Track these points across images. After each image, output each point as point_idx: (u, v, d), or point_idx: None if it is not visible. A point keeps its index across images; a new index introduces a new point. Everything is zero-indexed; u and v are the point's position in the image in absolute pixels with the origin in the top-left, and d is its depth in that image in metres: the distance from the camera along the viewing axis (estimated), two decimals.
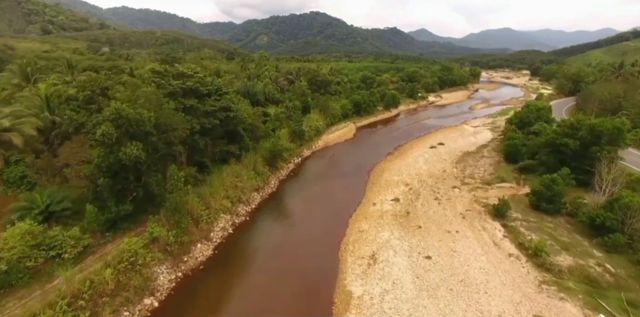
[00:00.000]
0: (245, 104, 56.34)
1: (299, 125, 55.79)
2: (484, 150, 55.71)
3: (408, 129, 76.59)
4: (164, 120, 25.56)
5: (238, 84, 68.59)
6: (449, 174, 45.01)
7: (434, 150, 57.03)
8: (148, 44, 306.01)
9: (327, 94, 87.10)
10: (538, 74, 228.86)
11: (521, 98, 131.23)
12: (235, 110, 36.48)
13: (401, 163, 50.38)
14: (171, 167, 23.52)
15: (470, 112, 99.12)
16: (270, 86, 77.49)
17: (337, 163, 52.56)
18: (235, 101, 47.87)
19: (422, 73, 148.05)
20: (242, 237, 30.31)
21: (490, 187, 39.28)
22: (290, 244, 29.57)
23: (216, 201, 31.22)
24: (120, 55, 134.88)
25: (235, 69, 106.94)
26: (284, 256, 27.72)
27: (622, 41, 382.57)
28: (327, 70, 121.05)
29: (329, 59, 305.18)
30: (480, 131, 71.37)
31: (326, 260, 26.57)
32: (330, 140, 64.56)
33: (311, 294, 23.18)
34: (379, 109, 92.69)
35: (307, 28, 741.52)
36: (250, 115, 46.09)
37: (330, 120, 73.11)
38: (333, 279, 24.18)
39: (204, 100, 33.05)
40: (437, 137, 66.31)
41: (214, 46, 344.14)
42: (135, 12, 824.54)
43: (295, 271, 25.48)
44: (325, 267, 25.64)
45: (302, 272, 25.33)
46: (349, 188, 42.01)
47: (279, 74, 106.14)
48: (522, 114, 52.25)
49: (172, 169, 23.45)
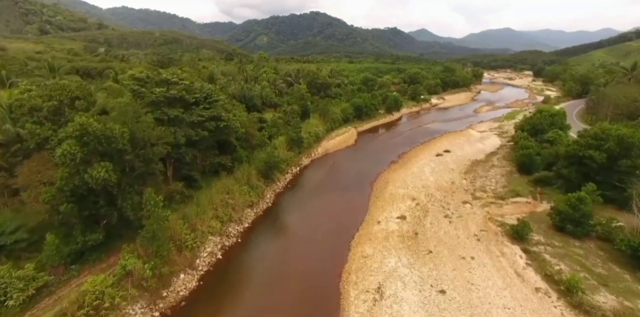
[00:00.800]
0: (240, 109, 53.35)
1: (297, 132, 52.61)
2: (494, 159, 52.49)
3: (411, 134, 73.37)
4: (141, 134, 22.39)
5: (233, 87, 65.44)
6: (458, 186, 41.78)
7: (440, 158, 53.80)
8: (146, 45, 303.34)
9: (327, 98, 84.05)
10: (541, 74, 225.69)
11: (526, 100, 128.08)
12: (227, 119, 33.29)
13: (406, 173, 47.16)
14: (147, 191, 20.35)
15: (475, 116, 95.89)
16: (267, 90, 74.36)
17: (338, 173, 49.35)
18: (229, 108, 44.92)
19: (424, 74, 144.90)
20: (231, 264, 27.08)
21: (504, 202, 36.07)
22: (286, 272, 26.29)
23: (203, 222, 28.00)
24: (116, 57, 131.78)
25: (233, 71, 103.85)
26: (278, 288, 24.48)
27: (624, 41, 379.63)
28: (327, 71, 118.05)
29: (329, 60, 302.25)
30: (488, 137, 68.14)
31: (326, 294, 23.34)
32: (331, 147, 61.34)
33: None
34: (380, 113, 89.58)
35: (307, 28, 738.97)
36: (244, 122, 42.92)
37: (330, 125, 69.94)
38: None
39: (190, 110, 29.87)
40: (442, 144, 63.09)
41: (213, 47, 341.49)
42: (135, 12, 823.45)
43: (290, 306, 22.28)
44: (325, 304, 22.43)
45: (298, 308, 22.13)
46: (350, 202, 38.81)
47: (278, 76, 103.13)
48: (534, 121, 49.07)
49: (147, 193, 20.29)
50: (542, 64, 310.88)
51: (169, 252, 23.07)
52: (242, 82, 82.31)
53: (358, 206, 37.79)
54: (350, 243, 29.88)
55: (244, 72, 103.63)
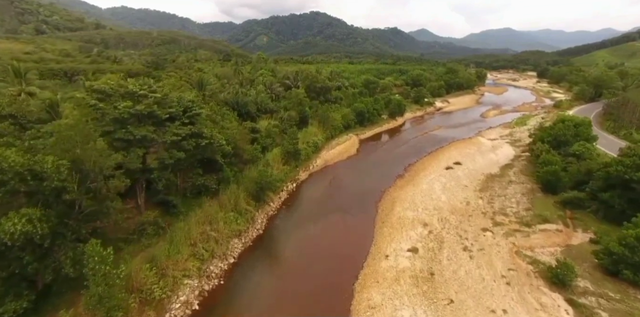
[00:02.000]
0: (231, 118, 48.63)
1: (294, 144, 47.81)
2: (510, 173, 47.68)
3: (417, 142, 68.57)
4: (91, 165, 17.67)
5: (225, 93, 60.69)
6: (474, 208, 36.97)
7: (451, 172, 48.99)
8: (144, 45, 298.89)
9: (327, 102, 79.26)
10: (545, 76, 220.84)
11: (534, 103, 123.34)
12: (209, 136, 28.46)
13: (414, 191, 42.34)
14: (89, 244, 15.49)
15: (483, 121, 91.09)
16: (263, 94, 69.52)
17: (338, 190, 44.54)
18: (217, 119, 40.22)
19: (427, 76, 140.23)
20: (211, 315, 22.32)
21: (531, 229, 31.27)
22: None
23: (177, 263, 23.21)
24: (108, 58, 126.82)
25: (229, 73, 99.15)
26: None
27: (627, 41, 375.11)
28: (327, 73, 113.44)
29: (329, 60, 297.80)
30: (499, 146, 63.34)
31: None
32: (331, 157, 56.55)
33: None
34: (383, 118, 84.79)
35: (307, 28, 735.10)
36: (234, 135, 38.14)
37: (330, 132, 65.18)
38: None
39: (164, 127, 25.10)
40: (451, 154, 58.30)
41: (211, 47, 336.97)
42: (135, 12, 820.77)
43: None
44: None
45: None
46: (353, 229, 34.04)
47: (275, 79, 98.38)
48: (556, 131, 44.28)
49: (90, 245, 15.41)
50: (545, 64, 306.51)
51: (127, 311, 18.27)
52: (237, 86, 77.70)
53: (362, 232, 33.02)
54: (354, 285, 25.10)
55: (240, 75, 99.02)
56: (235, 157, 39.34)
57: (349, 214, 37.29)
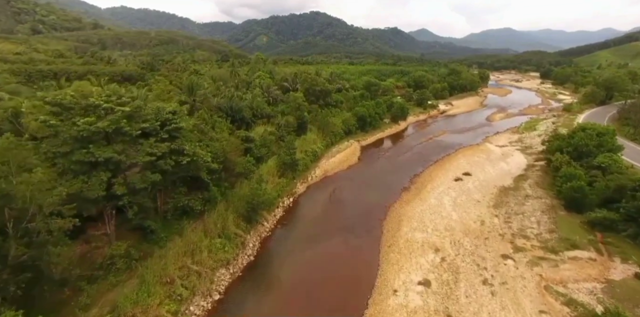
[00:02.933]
0: (223, 126, 45.00)
1: (291, 154, 44.13)
2: (525, 185, 43.98)
3: (422, 148, 64.89)
4: (27, 202, 14.02)
5: (218, 98, 57.04)
6: (490, 228, 33.28)
7: (461, 184, 45.29)
8: (142, 45, 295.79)
9: (327, 106, 75.66)
10: (549, 76, 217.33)
11: (540, 106, 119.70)
12: (191, 154, 24.75)
13: (422, 206, 38.67)
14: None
15: (489, 125, 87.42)
16: (259, 99, 65.88)
17: (339, 205, 40.84)
18: (206, 130, 36.52)
19: (430, 78, 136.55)
20: None
21: (559, 257, 27.56)
22: None
23: (148, 311, 19.51)
24: (102, 58, 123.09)
25: (225, 75, 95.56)
26: None
27: (630, 41, 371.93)
28: (327, 74, 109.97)
29: (329, 60, 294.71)
30: (510, 153, 59.64)
31: None
32: (330, 167, 52.87)
33: None
34: (385, 122, 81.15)
35: (307, 28, 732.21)
36: (223, 148, 34.47)
37: (330, 139, 61.55)
38: None
39: (136, 145, 21.44)
40: (459, 163, 54.63)
41: (210, 47, 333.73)
42: (134, 12, 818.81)
43: None
44: None
45: None
46: (356, 254, 30.34)
47: (273, 81, 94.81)
48: (577, 141, 40.57)
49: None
50: (547, 65, 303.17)
51: None
52: (233, 89, 74.15)
53: (366, 258, 29.36)
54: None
55: (237, 77, 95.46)
56: (226, 171, 35.69)
57: (351, 234, 33.60)
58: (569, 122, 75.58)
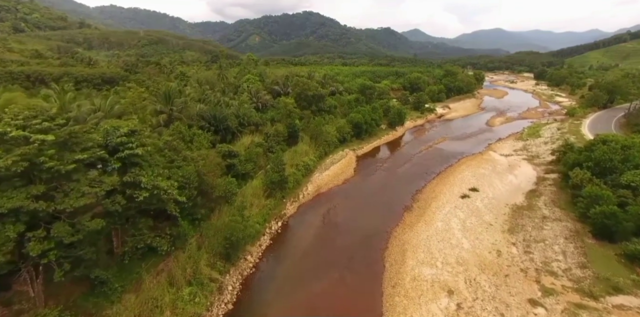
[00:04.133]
0: (204, 139, 40.05)
1: (279, 171, 39.25)
2: (539, 204, 39.75)
3: (422, 158, 60.50)
4: None
5: (200, 106, 51.94)
6: (509, 261, 28.86)
7: (468, 202, 40.91)
8: (130, 45, 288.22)
9: (320, 112, 70.98)
10: (544, 77, 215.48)
11: (539, 109, 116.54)
12: (150, 186, 19.72)
13: (428, 232, 34.16)
14: None
15: (490, 130, 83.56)
16: (246, 105, 60.86)
17: (334, 230, 36.07)
18: (179, 147, 31.46)
19: (425, 79, 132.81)
20: None
21: (601, 305, 23.06)
22: None
23: None
24: (82, 59, 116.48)
25: (212, 78, 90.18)
26: None
27: (618, 42, 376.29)
28: (320, 76, 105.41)
29: (322, 61, 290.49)
30: (517, 164, 55.57)
31: None
32: (324, 182, 48.12)
33: None
34: (382, 128, 76.81)
35: (300, 28, 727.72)
36: (198, 169, 29.50)
37: (323, 149, 56.83)
38: None
39: (69, 182, 16.40)
40: (464, 176, 50.33)
41: (200, 47, 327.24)
42: (124, 11, 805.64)
43: None
44: None
45: None
46: (355, 297, 25.61)
47: (263, 85, 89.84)
48: (599, 155, 36.45)
49: None
50: (540, 65, 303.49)
51: None
52: (219, 94, 69.02)
53: (366, 305, 24.66)
54: None
55: (224, 80, 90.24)
56: (203, 196, 30.70)
57: (348, 270, 28.88)
58: (575, 128, 72.06)
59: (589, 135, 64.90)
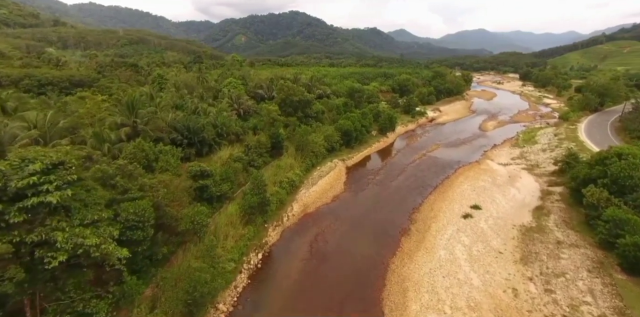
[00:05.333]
0: (170, 156, 34.72)
1: (260, 193, 34.18)
2: (549, 224, 35.96)
3: (416, 169, 56.40)
4: None
5: (173, 115, 46.43)
6: (528, 303, 24.66)
7: (471, 223, 36.82)
8: (108, 45, 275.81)
9: (307, 118, 66.12)
10: (530, 78, 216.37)
11: (530, 111, 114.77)
12: (69, 246, 14.49)
13: (430, 263, 29.78)
14: None
15: (484, 135, 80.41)
16: (226, 113, 55.54)
17: (322, 263, 31.19)
18: (137, 173, 26.05)
19: (415, 81, 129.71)
20: None
21: None
22: None
23: None
24: (49, 60, 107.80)
25: (192, 82, 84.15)
26: None
27: (595, 44, 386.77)
28: (306, 78, 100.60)
29: (309, 61, 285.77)
30: (517, 174, 52.06)
31: None
32: (311, 200, 43.29)
33: None
34: (372, 134, 72.58)
35: (287, 28, 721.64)
36: (157, 200, 24.27)
37: (310, 160, 52.01)
38: None
39: None
40: (463, 190, 46.36)
41: (184, 47, 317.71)
42: (104, 9, 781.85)
43: None
44: None
45: None
46: None
47: (245, 88, 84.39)
48: (616, 171, 32.85)
49: None
50: (524, 66, 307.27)
51: None
52: (197, 100, 63.40)
53: None
54: None
55: (204, 83, 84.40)
56: (164, 231, 25.49)
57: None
58: (572, 134, 69.40)
59: (588, 142, 62.30)
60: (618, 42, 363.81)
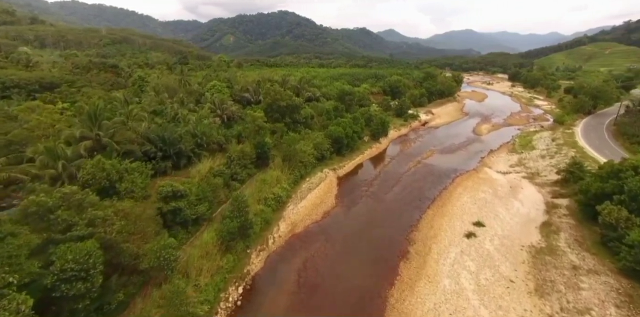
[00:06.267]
0: (139, 175, 30.45)
1: (241, 216, 30.10)
2: (560, 243, 32.87)
3: (411, 178, 53.04)
4: None
5: (145, 124, 42.03)
6: None
7: (476, 244, 33.50)
8: (90, 44, 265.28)
9: (295, 125, 62.24)
10: (519, 79, 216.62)
11: (522, 113, 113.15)
12: None
13: (434, 297, 26.23)
14: None
15: (479, 140, 77.76)
16: (207, 121, 51.17)
17: (312, 298, 27.21)
18: (88, 203, 21.71)
19: (406, 83, 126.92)
20: None
21: None
22: None
23: None
24: (19, 61, 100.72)
25: (174, 84, 79.32)
26: None
27: (579, 45, 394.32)
28: (295, 80, 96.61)
29: (299, 61, 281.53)
30: (518, 184, 49.18)
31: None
32: (299, 217, 39.38)
33: None
34: (364, 140, 69.04)
35: (276, 28, 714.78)
36: (113, 235, 20.06)
37: (299, 171, 48.08)
38: None
39: None
40: (462, 203, 43.11)
41: (170, 47, 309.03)
42: (88, 8, 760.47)
43: None
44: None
45: None
46: None
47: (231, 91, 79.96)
48: (634, 187, 29.97)
49: None
50: (512, 66, 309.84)
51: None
52: (176, 106, 58.94)
53: None
54: None
55: (186, 86, 79.68)
56: (121, 274, 21.26)
57: None
58: (569, 139, 67.18)
59: (588, 148, 60.03)
60: (600, 43, 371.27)
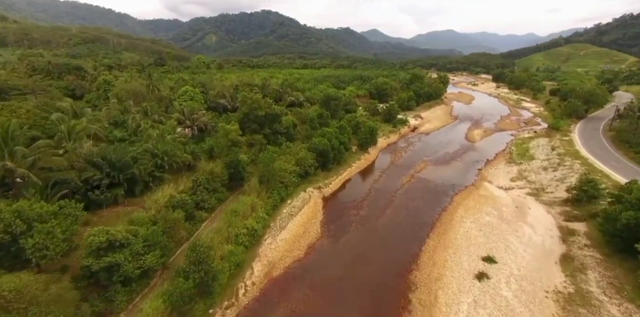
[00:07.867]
0: (63, 223, 23.44)
1: (201, 270, 23.43)
2: (592, 287, 27.49)
3: (406, 197, 47.36)
4: None
5: (88, 145, 34.78)
6: None
7: (490, 290, 27.92)
8: (59, 43, 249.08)
9: (276, 136, 55.78)
10: (503, 80, 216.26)
11: (512, 117, 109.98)
12: None
13: None
14: None
15: (472, 148, 73.17)
16: (171, 136, 44.04)
17: None
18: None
19: (393, 85, 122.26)
20: None
21: None
22: None
23: None
24: None
25: (142, 90, 71.30)
26: None
27: (556, 46, 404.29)
28: (277, 84, 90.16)
29: (282, 62, 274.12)
30: (523, 203, 44.21)
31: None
32: (278, 255, 32.86)
33: None
34: (352, 151, 63.14)
35: (259, 27, 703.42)
36: None
37: (278, 194, 41.55)
38: None
39: None
40: (466, 230, 37.66)
41: (147, 47, 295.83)
42: (60, 5, 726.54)
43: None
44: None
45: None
46: None
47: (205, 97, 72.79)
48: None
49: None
50: (495, 67, 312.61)
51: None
52: (138, 117, 51.62)
53: None
54: None
55: (155, 92, 71.87)
56: None
57: None
58: (569, 147, 63.25)
59: (593, 159, 55.98)
60: (575, 44, 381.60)
